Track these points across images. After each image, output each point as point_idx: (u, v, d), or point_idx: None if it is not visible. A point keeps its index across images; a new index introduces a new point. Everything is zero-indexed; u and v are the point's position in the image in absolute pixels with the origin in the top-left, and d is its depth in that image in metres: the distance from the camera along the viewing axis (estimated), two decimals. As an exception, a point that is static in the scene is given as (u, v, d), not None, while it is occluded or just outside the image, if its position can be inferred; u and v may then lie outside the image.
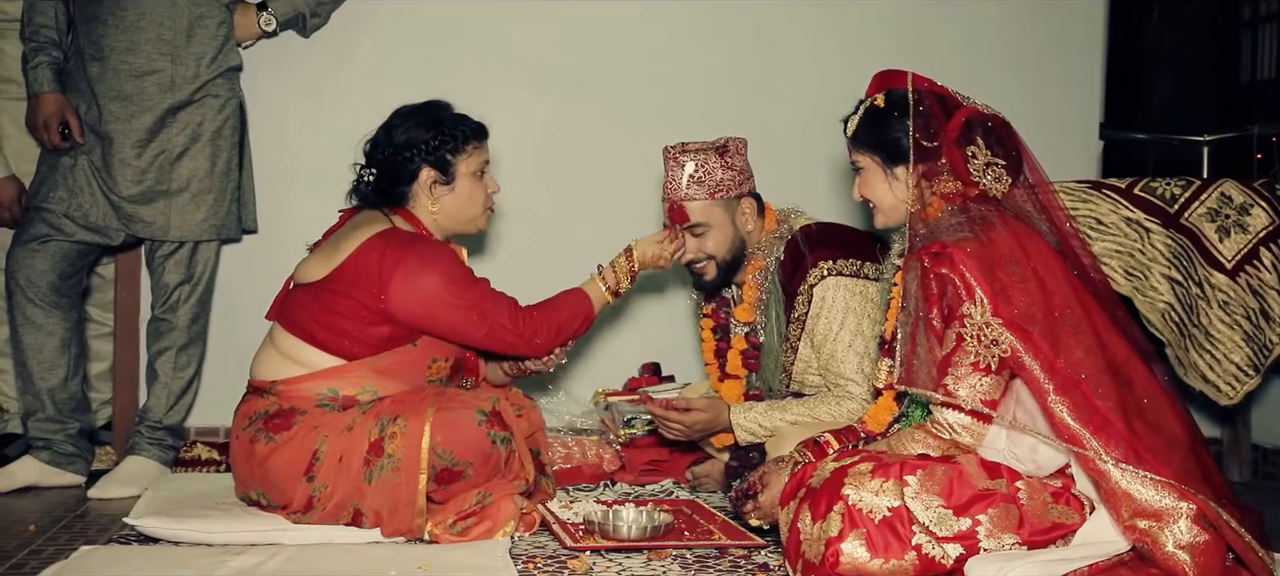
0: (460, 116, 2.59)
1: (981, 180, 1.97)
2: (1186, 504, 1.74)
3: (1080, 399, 1.78)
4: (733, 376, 2.78)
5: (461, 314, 2.45)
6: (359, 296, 2.42)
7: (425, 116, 2.55)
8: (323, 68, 3.43)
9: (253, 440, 2.42)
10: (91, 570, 2.11)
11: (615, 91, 3.56)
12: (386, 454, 2.34)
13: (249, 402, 2.49)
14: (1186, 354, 2.77)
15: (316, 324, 2.44)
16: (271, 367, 2.48)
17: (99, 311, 3.32)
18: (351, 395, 2.44)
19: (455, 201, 2.56)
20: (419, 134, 2.52)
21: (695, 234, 2.67)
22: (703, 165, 2.63)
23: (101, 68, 2.89)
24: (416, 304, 2.42)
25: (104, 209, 2.90)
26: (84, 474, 2.96)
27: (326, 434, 2.37)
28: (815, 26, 3.60)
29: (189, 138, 2.95)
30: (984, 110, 2.03)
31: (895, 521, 1.84)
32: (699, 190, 2.63)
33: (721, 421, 2.67)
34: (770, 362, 2.70)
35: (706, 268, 2.70)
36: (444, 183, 2.54)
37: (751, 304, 2.72)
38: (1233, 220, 2.78)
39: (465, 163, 2.55)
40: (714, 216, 2.65)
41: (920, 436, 1.94)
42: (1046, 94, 3.69)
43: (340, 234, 2.52)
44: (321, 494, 2.36)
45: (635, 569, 2.18)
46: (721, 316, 2.83)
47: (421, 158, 2.51)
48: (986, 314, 1.84)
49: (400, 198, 2.54)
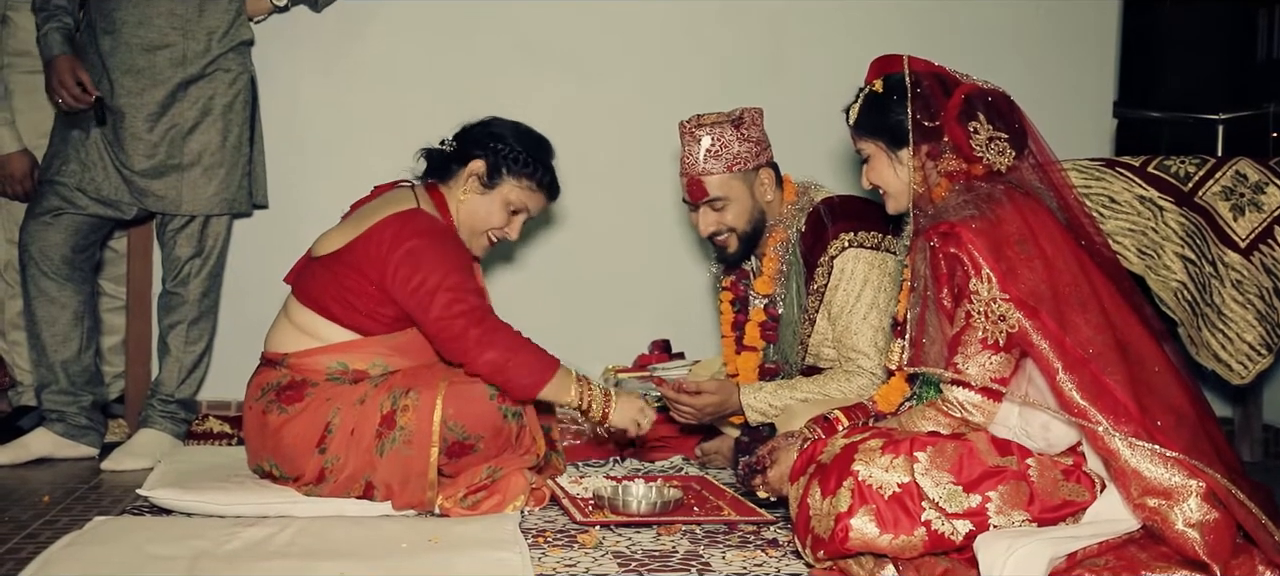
0: (550, 161, 2.60)
1: (985, 155, 1.96)
2: (1196, 481, 1.74)
3: (1089, 376, 1.78)
4: (750, 348, 2.76)
5: (436, 301, 2.35)
6: (369, 272, 2.42)
7: (528, 135, 2.59)
8: (334, 43, 3.43)
9: (265, 411, 2.43)
10: (105, 540, 2.13)
11: (627, 74, 3.54)
12: (398, 426, 2.35)
13: (262, 374, 2.50)
14: (1199, 333, 2.75)
15: (330, 297, 2.45)
16: (285, 339, 2.49)
17: (111, 285, 3.33)
18: (362, 369, 2.44)
19: (478, 207, 2.55)
20: (506, 136, 2.55)
21: (714, 208, 2.64)
22: (719, 138, 2.60)
23: (113, 41, 2.89)
24: (406, 277, 2.36)
25: (116, 183, 2.91)
26: (97, 446, 2.98)
27: (339, 406, 2.38)
28: (826, 10, 3.57)
29: (200, 112, 2.95)
30: (984, 86, 2.01)
31: (905, 497, 1.84)
32: (716, 164, 2.61)
33: (732, 403, 2.67)
34: (788, 335, 2.69)
35: (728, 240, 2.68)
36: (483, 183, 2.54)
37: (771, 276, 2.70)
38: (1247, 199, 2.76)
39: (512, 187, 2.55)
40: (732, 189, 2.63)
41: (931, 414, 1.94)
42: (1060, 72, 3.66)
43: (366, 209, 2.53)
44: (334, 466, 2.37)
45: (644, 543, 2.19)
46: (741, 289, 2.81)
47: (486, 150, 2.53)
48: (994, 290, 1.84)
49: (448, 171, 2.56)
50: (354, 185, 2.73)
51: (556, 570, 2.01)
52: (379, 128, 3.40)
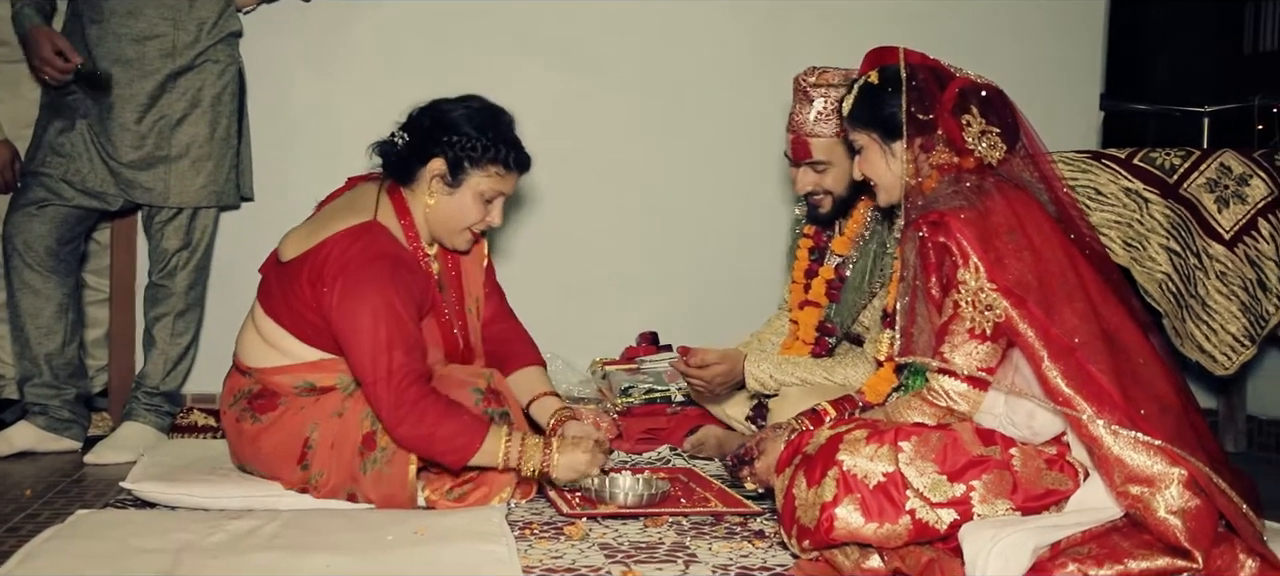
0: (508, 134, 2.40)
1: (977, 148, 1.97)
2: (1178, 469, 1.75)
3: (1074, 364, 1.79)
4: (813, 303, 2.75)
5: (362, 354, 2.24)
6: (310, 296, 2.31)
7: (480, 115, 2.38)
8: (324, 35, 3.42)
9: (239, 419, 2.41)
10: (88, 534, 2.11)
11: (618, 66, 3.54)
12: (379, 447, 2.32)
13: (234, 379, 2.46)
14: (1183, 324, 2.76)
15: (287, 310, 2.36)
16: (253, 352, 2.41)
17: (94, 277, 3.31)
18: (329, 386, 2.38)
19: (448, 207, 2.39)
20: (460, 125, 2.35)
21: (816, 170, 2.63)
22: (831, 102, 2.58)
23: (101, 31, 2.87)
24: (337, 320, 2.26)
25: (102, 174, 2.89)
26: (80, 439, 2.96)
27: (316, 421, 2.34)
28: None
29: (189, 103, 2.93)
30: (978, 80, 2.02)
31: (890, 487, 1.85)
32: (825, 127, 2.59)
33: (738, 371, 2.68)
34: (849, 300, 2.68)
35: (823, 200, 2.67)
36: (449, 184, 2.37)
37: (851, 238, 2.69)
38: (1232, 190, 2.77)
39: (480, 178, 2.37)
40: (836, 155, 2.60)
41: (917, 404, 1.94)
42: (1048, 64, 3.67)
43: (329, 211, 2.43)
44: (318, 481, 2.34)
45: (631, 535, 2.18)
46: (823, 239, 2.78)
47: (442, 147, 2.35)
48: (982, 280, 1.84)
49: (409, 175, 2.40)
50: (341, 178, 2.70)
51: (543, 561, 2.00)
52: (366, 120, 3.31)
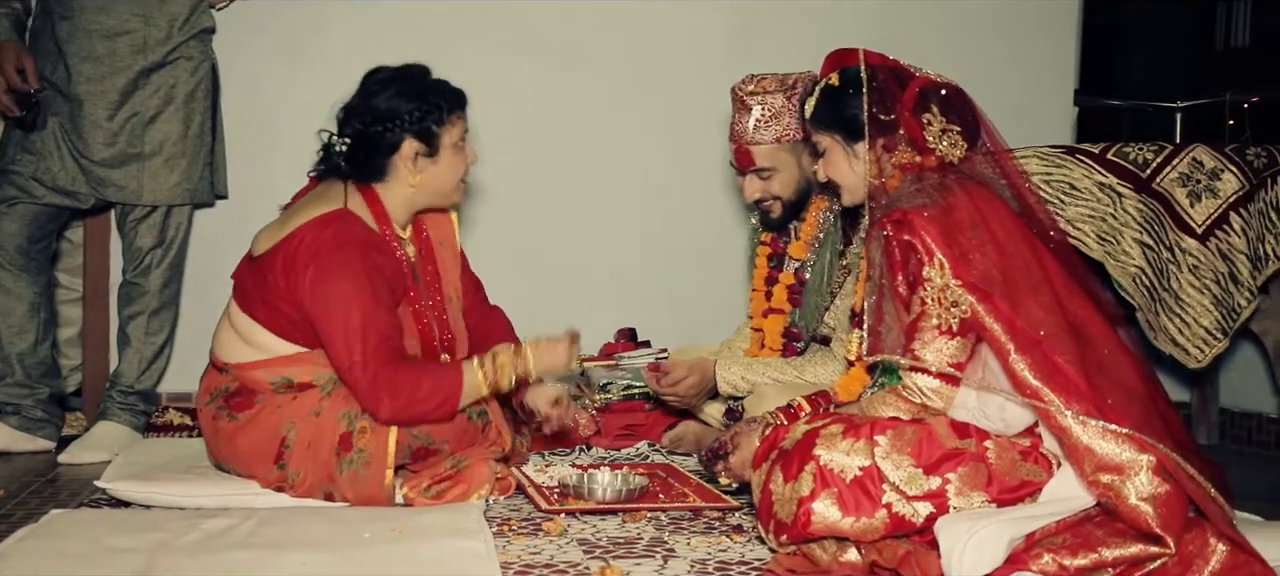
0: (441, 84, 2.44)
1: (938, 146, 1.98)
2: (1146, 456, 1.77)
3: (1040, 356, 1.80)
4: (777, 310, 2.75)
5: (336, 340, 2.28)
6: (282, 285, 2.31)
7: (408, 84, 2.40)
8: (298, 32, 3.40)
9: (215, 417, 2.39)
10: (62, 533, 2.10)
11: (596, 62, 3.54)
12: (356, 448, 2.31)
13: (211, 376, 2.45)
14: (1157, 318, 2.79)
15: (263, 304, 2.35)
16: (229, 348, 2.40)
17: (67, 276, 3.28)
18: (307, 381, 2.36)
19: (437, 173, 2.42)
20: (403, 104, 2.36)
21: (761, 177, 2.63)
22: (769, 108, 2.58)
23: (71, 27, 2.84)
24: (311, 306, 2.28)
25: (73, 172, 2.87)
26: (54, 439, 2.94)
27: (293, 420, 2.32)
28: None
29: (162, 100, 2.91)
30: (938, 79, 2.04)
31: (866, 480, 1.85)
32: (765, 134, 2.59)
33: (710, 378, 2.68)
34: (811, 303, 2.68)
35: (772, 206, 2.67)
36: (428, 155, 2.39)
37: (807, 242, 2.68)
38: (1203, 185, 2.79)
39: (449, 133, 2.41)
40: (780, 160, 2.61)
41: (892, 399, 1.95)
42: (1023, 60, 3.69)
43: (298, 205, 2.42)
44: (295, 480, 2.33)
45: (610, 531, 2.19)
46: (780, 245, 2.78)
47: (405, 128, 2.36)
48: (947, 277, 1.86)
49: (378, 171, 2.39)
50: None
51: (521, 557, 2.00)
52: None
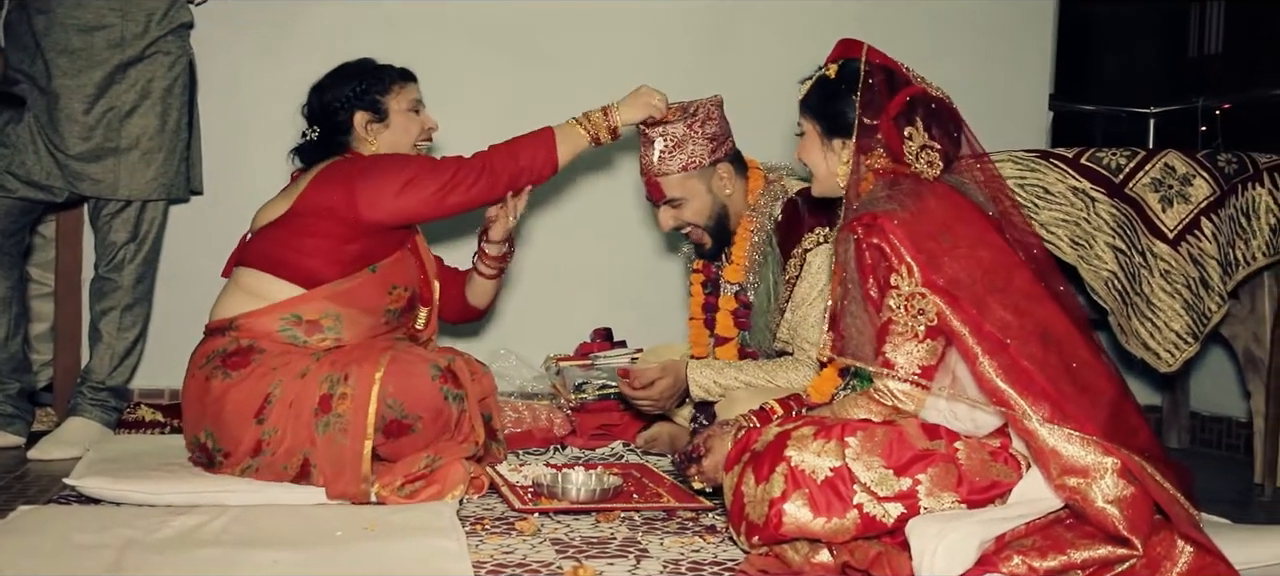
0: (383, 65, 2.69)
1: (915, 164, 1.99)
2: (1110, 459, 1.78)
3: (1007, 360, 1.81)
4: (726, 338, 2.74)
5: (427, 179, 2.50)
6: (328, 215, 2.47)
7: (349, 69, 2.67)
8: (275, 28, 3.38)
9: (209, 377, 2.41)
10: (30, 530, 2.08)
11: (572, 58, 3.53)
12: (334, 412, 2.34)
13: (207, 343, 2.49)
14: (1129, 322, 2.81)
15: (288, 249, 2.49)
16: (232, 305, 2.50)
17: (38, 271, 3.25)
18: (315, 320, 2.46)
19: (392, 136, 2.64)
20: (345, 87, 2.63)
21: (673, 207, 2.64)
22: (672, 138, 2.59)
23: (47, 21, 2.82)
24: (385, 197, 2.48)
25: (48, 166, 2.85)
26: (23, 435, 2.92)
27: (280, 378, 2.38)
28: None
29: (139, 95, 2.90)
30: (932, 92, 2.02)
31: (837, 482, 1.86)
32: (671, 164, 2.60)
33: (683, 380, 2.67)
34: (760, 323, 2.68)
35: (700, 236, 2.68)
36: (378, 120, 2.63)
37: (740, 265, 2.68)
38: (1175, 190, 2.82)
39: (396, 100, 2.65)
40: (689, 188, 2.62)
41: (863, 402, 1.96)
42: (997, 65, 3.72)
43: (297, 182, 2.59)
44: (272, 438, 2.35)
45: (583, 530, 2.19)
46: (712, 271, 2.78)
47: (352, 104, 2.62)
48: (916, 283, 1.86)
49: (341, 146, 2.63)
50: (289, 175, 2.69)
51: (494, 557, 2.00)
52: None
